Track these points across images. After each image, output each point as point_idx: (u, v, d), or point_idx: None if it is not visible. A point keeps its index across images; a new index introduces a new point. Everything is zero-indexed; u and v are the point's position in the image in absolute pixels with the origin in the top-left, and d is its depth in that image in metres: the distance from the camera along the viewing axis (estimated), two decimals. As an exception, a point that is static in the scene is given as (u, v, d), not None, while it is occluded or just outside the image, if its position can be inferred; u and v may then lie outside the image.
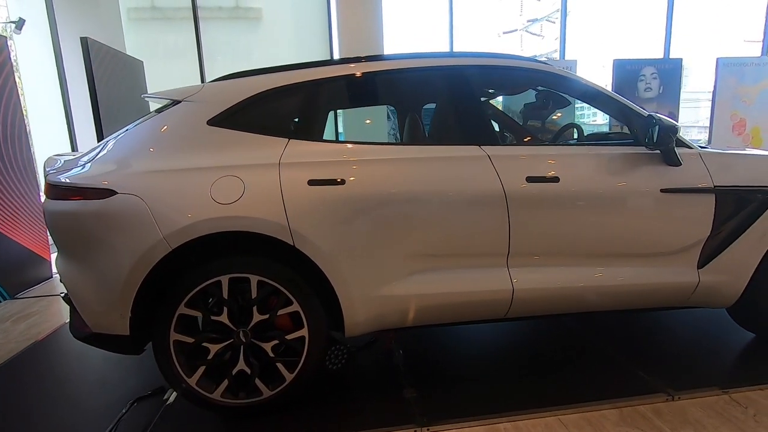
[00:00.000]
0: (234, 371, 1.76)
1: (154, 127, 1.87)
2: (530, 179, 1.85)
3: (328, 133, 2.29)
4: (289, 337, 1.78)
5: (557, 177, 1.86)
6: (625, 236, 1.95)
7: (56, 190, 1.75)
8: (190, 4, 5.88)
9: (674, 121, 1.86)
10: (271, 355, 1.78)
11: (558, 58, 6.89)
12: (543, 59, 2.72)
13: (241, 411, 1.81)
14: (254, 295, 1.73)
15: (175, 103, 1.90)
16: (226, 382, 1.76)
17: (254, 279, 1.72)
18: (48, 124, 5.35)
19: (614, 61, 6.33)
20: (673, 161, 1.93)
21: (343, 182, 1.75)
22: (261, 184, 1.72)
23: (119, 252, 1.66)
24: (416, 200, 1.80)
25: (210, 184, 1.70)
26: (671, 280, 2.01)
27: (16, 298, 3.53)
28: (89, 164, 1.80)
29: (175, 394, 1.97)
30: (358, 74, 1.94)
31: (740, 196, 1.98)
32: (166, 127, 1.85)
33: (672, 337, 2.45)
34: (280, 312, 1.76)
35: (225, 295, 1.72)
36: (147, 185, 1.69)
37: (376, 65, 1.95)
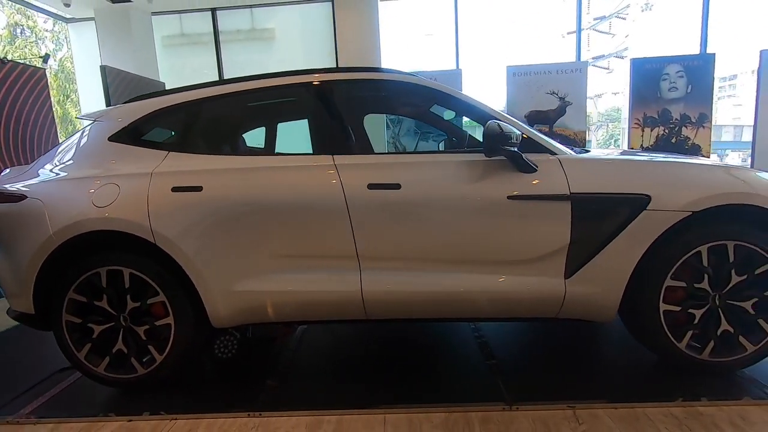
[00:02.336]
0: (114, 350, 2.06)
1: (71, 143, 2.27)
2: (371, 186, 1.94)
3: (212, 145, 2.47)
4: (158, 323, 2.04)
5: (398, 184, 1.93)
6: (474, 243, 1.94)
7: (13, 196, 2.16)
8: (212, 29, 6.56)
9: (512, 129, 1.83)
10: (144, 338, 2.05)
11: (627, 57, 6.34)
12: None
13: (121, 384, 2.10)
14: (127, 285, 2.02)
15: (93, 122, 2.27)
16: (107, 359, 2.07)
17: (126, 271, 2.01)
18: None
19: (631, 60, 5.92)
20: (523, 168, 1.90)
21: (200, 189, 1.99)
22: (132, 190, 2.01)
23: (24, 245, 2.04)
24: (267, 205, 1.98)
25: (94, 190, 2.02)
26: (533, 289, 1.96)
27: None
28: (23, 174, 2.22)
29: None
30: (229, 93, 2.17)
31: (602, 203, 1.88)
32: (78, 142, 2.24)
33: (564, 347, 2.35)
34: (150, 301, 2.03)
35: (103, 284, 2.03)
36: (48, 191, 2.07)
37: (245, 85, 2.17)
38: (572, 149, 2.27)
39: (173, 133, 2.24)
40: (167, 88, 6.02)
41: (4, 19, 10.17)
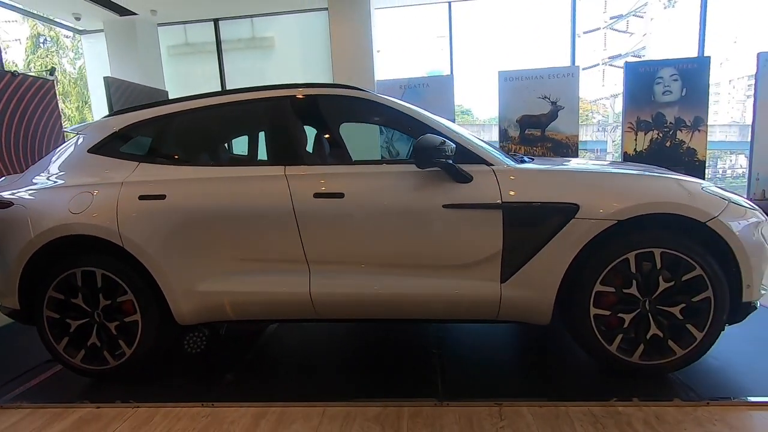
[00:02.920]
0: (88, 343, 2.26)
1: (57, 154, 2.49)
2: (317, 195, 2.09)
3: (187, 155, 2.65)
4: (126, 319, 2.23)
5: (342, 193, 2.07)
6: (413, 248, 2.07)
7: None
8: (215, 39, 6.83)
9: (446, 142, 1.95)
10: (114, 333, 2.25)
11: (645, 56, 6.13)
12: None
13: (95, 375, 2.30)
14: (99, 284, 2.22)
15: (77, 134, 2.49)
16: (83, 351, 2.27)
17: (99, 272, 2.21)
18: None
19: (625, 64, 5.91)
20: (458, 178, 2.01)
21: (164, 197, 2.17)
22: (104, 198, 2.21)
23: (10, 247, 2.26)
24: (224, 212, 2.15)
25: (71, 198, 2.23)
26: (471, 292, 2.07)
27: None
28: (14, 182, 2.45)
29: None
30: (193, 109, 2.35)
31: (532, 211, 1.98)
32: (63, 154, 2.46)
33: (512, 347, 2.45)
34: (120, 299, 2.22)
35: (79, 283, 2.23)
36: (31, 198, 2.29)
37: (206, 101, 2.35)
38: (520, 159, 2.38)
39: (143, 146, 2.43)
40: (170, 96, 6.33)
41: (27, 29, 10.73)
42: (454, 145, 1.99)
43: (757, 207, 2.23)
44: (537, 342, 2.58)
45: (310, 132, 2.41)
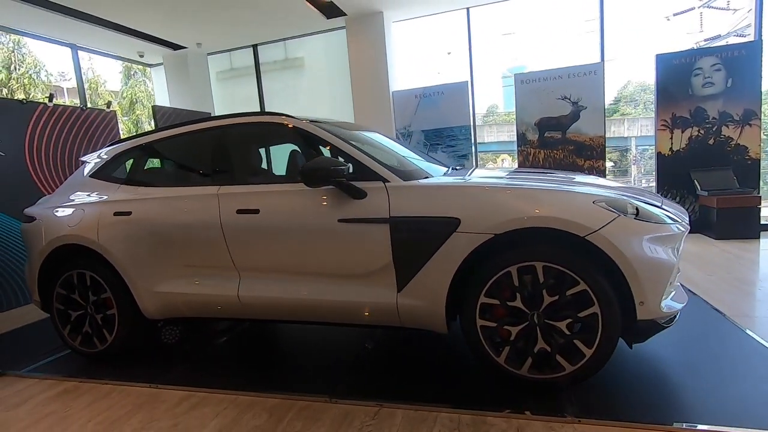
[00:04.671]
0: (84, 330, 2.82)
1: (71, 178, 3.13)
2: (239, 211, 2.40)
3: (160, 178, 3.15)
4: (107, 312, 2.75)
5: (258, 209, 2.37)
6: (318, 259, 2.29)
7: (24, 218, 3.11)
8: (254, 62, 7.56)
9: (336, 162, 2.14)
10: (100, 323, 2.78)
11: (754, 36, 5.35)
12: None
13: (89, 355, 2.85)
14: (88, 283, 2.77)
15: (85, 162, 3.11)
16: (80, 336, 2.84)
17: (87, 274, 2.76)
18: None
19: (656, 56, 5.44)
20: (352, 194, 2.19)
21: (130, 213, 2.65)
22: (90, 214, 2.75)
23: (33, 252, 2.91)
24: (172, 225, 2.56)
25: (70, 214, 2.82)
26: (371, 300, 2.23)
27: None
28: (44, 202, 3.13)
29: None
30: (156, 139, 2.81)
31: (417, 225, 2.09)
32: (74, 178, 3.08)
33: (434, 352, 2.51)
34: (103, 296, 2.75)
35: (75, 282, 2.80)
36: (46, 214, 2.92)
37: (166, 132, 2.80)
38: (450, 171, 2.49)
39: (124, 170, 2.96)
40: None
41: (119, 64, 12.69)
42: (347, 166, 2.18)
43: (680, 219, 2.10)
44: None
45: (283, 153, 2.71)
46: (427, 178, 2.35)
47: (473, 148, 6.61)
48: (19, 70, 11.63)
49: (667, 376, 2.14)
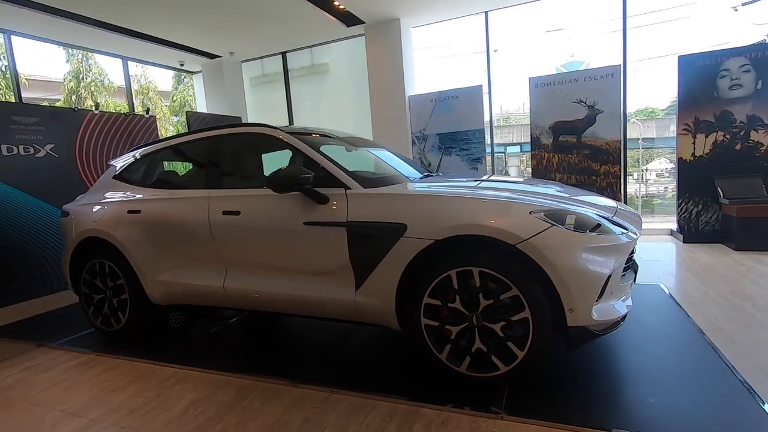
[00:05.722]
0: (103, 311, 3.27)
1: (100, 179, 3.60)
2: (224, 212, 2.71)
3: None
4: (121, 297, 3.17)
5: (239, 211, 2.66)
6: (287, 257, 2.54)
7: (62, 212, 3.62)
8: (282, 69, 8.00)
9: (302, 170, 2.37)
10: (116, 306, 3.21)
11: None
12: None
13: (107, 333, 3.29)
14: (107, 271, 3.20)
15: (111, 165, 3.58)
16: (101, 317, 3.29)
17: (106, 263, 3.20)
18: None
19: (679, 57, 5.22)
20: (317, 200, 2.42)
21: (140, 212, 3.05)
22: (109, 211, 3.18)
23: (66, 243, 3.41)
24: (171, 223, 2.93)
25: (95, 210, 3.27)
26: (333, 296, 2.46)
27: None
28: (79, 199, 3.63)
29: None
30: (163, 147, 3.19)
31: (370, 229, 2.28)
32: (102, 179, 3.55)
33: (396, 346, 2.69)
34: (118, 282, 3.17)
35: (97, 269, 3.25)
36: (77, 210, 3.40)
37: (171, 142, 3.18)
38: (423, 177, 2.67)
39: (139, 173, 3.37)
40: (244, 121, 7.69)
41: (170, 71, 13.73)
42: (311, 174, 2.41)
43: (629, 229, 2.15)
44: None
45: (280, 159, 3.01)
46: (393, 185, 2.53)
47: (490, 149, 6.65)
48: (86, 78, 12.96)
49: (612, 382, 2.19)
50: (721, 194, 5.00)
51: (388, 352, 2.76)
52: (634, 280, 2.43)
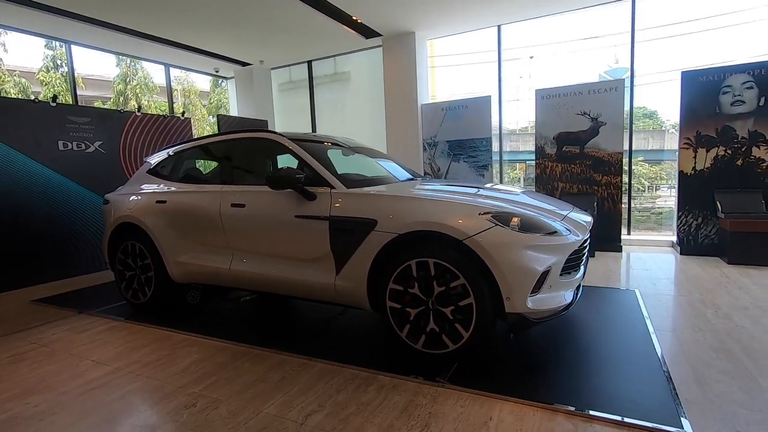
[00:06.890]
0: (133, 286, 3.83)
1: (136, 173, 4.19)
2: (233, 205, 3.18)
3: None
4: (147, 275, 3.71)
5: (244, 204, 3.12)
6: (281, 244, 2.97)
7: (104, 200, 4.23)
8: (307, 76, 8.55)
9: (297, 171, 2.80)
10: (143, 281, 3.75)
11: None
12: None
13: (136, 306, 3.85)
14: (137, 252, 3.76)
15: (146, 161, 4.16)
16: (130, 291, 3.85)
17: (137, 245, 3.75)
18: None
19: (682, 73, 5.33)
20: (306, 197, 2.85)
21: (165, 202, 3.58)
22: (142, 201, 3.74)
23: (106, 226, 4.00)
24: (190, 213, 3.43)
25: (130, 200, 3.84)
26: (318, 280, 2.87)
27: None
28: (118, 189, 4.24)
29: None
30: (186, 148, 3.71)
31: (346, 223, 2.68)
32: (138, 173, 4.14)
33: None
34: (145, 262, 3.72)
35: (129, 250, 3.82)
36: (115, 199, 3.99)
37: (194, 143, 3.69)
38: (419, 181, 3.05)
39: (167, 169, 3.91)
40: (270, 125, 8.27)
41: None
42: (303, 175, 2.84)
43: (560, 236, 2.44)
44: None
45: (290, 161, 3.51)
46: (374, 186, 2.92)
47: (499, 157, 6.91)
48: (132, 81, 14.12)
49: (555, 364, 2.47)
50: (720, 208, 5.07)
51: (366, 332, 3.14)
52: (582, 278, 2.71)
